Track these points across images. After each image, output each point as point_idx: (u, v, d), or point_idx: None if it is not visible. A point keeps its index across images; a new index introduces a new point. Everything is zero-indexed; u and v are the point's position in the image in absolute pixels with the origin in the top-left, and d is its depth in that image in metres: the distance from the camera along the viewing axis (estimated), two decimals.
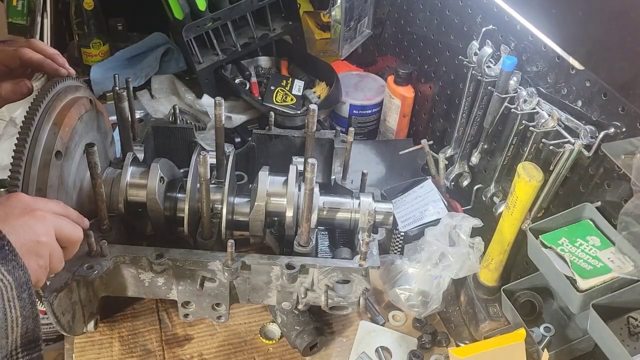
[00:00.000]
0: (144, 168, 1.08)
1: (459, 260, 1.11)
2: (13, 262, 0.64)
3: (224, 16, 1.56)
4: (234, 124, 1.56)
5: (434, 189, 1.32)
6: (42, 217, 0.74)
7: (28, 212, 0.73)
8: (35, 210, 0.73)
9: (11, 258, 0.64)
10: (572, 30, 0.95)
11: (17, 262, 0.65)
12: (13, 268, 0.64)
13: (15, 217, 0.71)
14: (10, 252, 0.65)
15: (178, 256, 0.99)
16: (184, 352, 1.12)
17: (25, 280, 0.66)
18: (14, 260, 0.65)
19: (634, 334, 0.90)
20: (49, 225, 0.74)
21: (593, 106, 0.96)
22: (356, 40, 1.72)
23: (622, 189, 0.92)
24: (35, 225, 0.72)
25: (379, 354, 1.14)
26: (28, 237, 0.70)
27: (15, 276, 0.64)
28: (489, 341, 1.01)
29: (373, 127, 1.66)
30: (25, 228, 0.71)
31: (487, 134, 1.22)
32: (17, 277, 0.64)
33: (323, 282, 1.03)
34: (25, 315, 0.66)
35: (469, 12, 1.27)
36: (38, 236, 0.72)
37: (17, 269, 0.65)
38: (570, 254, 0.95)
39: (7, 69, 0.95)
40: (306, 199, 0.98)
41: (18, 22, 1.77)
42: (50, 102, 0.93)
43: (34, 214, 0.73)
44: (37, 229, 0.72)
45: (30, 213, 0.73)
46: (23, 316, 0.65)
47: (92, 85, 1.66)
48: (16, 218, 0.71)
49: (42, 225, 0.73)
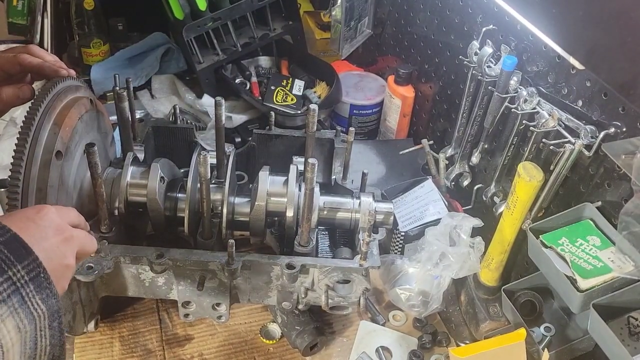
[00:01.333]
0: (144, 168, 1.08)
1: (459, 260, 1.11)
2: (47, 291, 0.63)
3: (224, 16, 1.56)
4: (235, 124, 1.56)
5: (434, 188, 1.32)
6: (71, 239, 0.72)
7: (60, 234, 0.70)
8: (65, 231, 0.71)
9: (45, 286, 0.63)
10: (573, 30, 0.95)
11: (51, 290, 0.63)
12: (47, 297, 0.63)
13: (49, 241, 0.68)
14: (45, 280, 0.63)
15: (178, 256, 0.99)
16: (184, 352, 1.12)
17: (57, 309, 0.64)
18: (48, 288, 0.63)
19: (634, 334, 0.90)
20: (75, 246, 0.73)
21: (593, 106, 0.96)
22: (356, 40, 1.72)
23: (622, 189, 0.92)
24: (65, 249, 0.70)
25: (379, 354, 1.14)
26: (59, 261, 0.68)
27: (48, 305, 0.63)
28: (489, 341, 1.01)
29: (373, 127, 1.66)
30: (57, 253, 0.69)
31: (487, 134, 1.22)
32: (50, 306, 0.63)
33: (323, 282, 1.03)
34: (53, 343, 0.64)
35: (469, 12, 1.27)
36: (67, 260, 0.70)
37: (51, 297, 0.63)
38: (570, 253, 0.95)
39: (7, 74, 0.95)
40: (306, 198, 0.98)
41: (18, 22, 1.77)
42: (50, 102, 0.93)
43: (64, 237, 0.71)
44: (67, 253, 0.71)
45: (62, 235, 0.70)
46: (52, 344, 0.64)
47: (92, 85, 1.66)
48: (49, 242, 0.68)
49: (71, 248, 0.72)
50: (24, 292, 0.60)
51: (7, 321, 0.58)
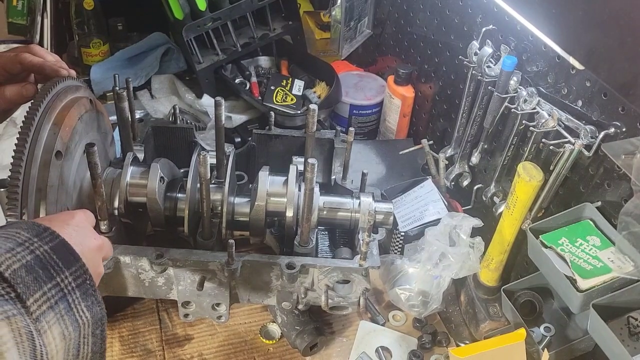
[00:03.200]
0: (144, 168, 1.08)
1: (459, 260, 1.11)
2: (92, 298, 0.63)
3: (224, 16, 1.56)
4: (234, 124, 1.56)
5: (434, 188, 1.32)
6: (102, 247, 0.73)
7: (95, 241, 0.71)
8: (97, 238, 0.72)
9: (91, 293, 0.63)
10: (572, 30, 0.95)
11: (96, 297, 0.63)
12: (92, 304, 0.62)
13: (88, 248, 0.69)
14: (91, 287, 0.63)
15: (178, 256, 0.99)
16: (184, 352, 1.12)
17: (101, 317, 0.64)
18: (93, 295, 0.63)
19: (634, 334, 0.90)
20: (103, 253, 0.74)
21: (593, 106, 0.96)
22: (356, 40, 1.72)
23: (622, 189, 0.92)
24: (99, 257, 0.71)
25: (379, 354, 1.14)
26: (96, 270, 0.68)
27: (92, 312, 0.62)
28: (489, 341, 1.01)
29: (373, 127, 1.66)
30: (94, 260, 0.69)
31: (487, 134, 1.22)
32: (94, 314, 0.63)
33: (323, 282, 1.03)
34: (95, 350, 0.64)
35: (469, 12, 1.27)
36: (100, 267, 0.71)
37: (95, 304, 0.63)
38: (570, 254, 0.95)
39: (8, 74, 0.95)
40: (306, 198, 0.98)
41: (18, 22, 1.77)
42: (50, 102, 0.93)
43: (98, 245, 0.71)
44: (99, 260, 0.71)
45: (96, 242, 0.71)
46: (93, 352, 0.64)
47: (92, 85, 1.66)
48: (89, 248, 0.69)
49: (101, 255, 0.72)
50: (70, 298, 0.60)
51: (54, 328, 0.58)
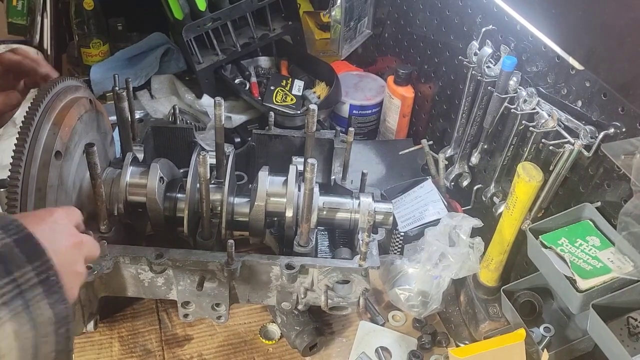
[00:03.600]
0: (144, 168, 1.08)
1: (458, 261, 1.11)
2: (56, 295, 0.61)
3: (224, 16, 1.56)
4: (234, 124, 1.56)
5: (434, 189, 1.32)
6: (81, 244, 0.71)
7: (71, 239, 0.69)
8: (76, 236, 0.70)
9: (55, 290, 0.61)
10: (572, 31, 0.95)
11: (61, 295, 0.62)
12: (56, 301, 0.61)
13: (62, 245, 0.67)
14: (56, 284, 0.61)
15: (177, 256, 0.99)
16: (183, 352, 1.12)
17: (65, 315, 0.62)
18: (58, 293, 0.61)
19: (633, 334, 0.90)
20: (84, 252, 0.72)
21: (593, 106, 0.96)
22: (356, 40, 1.72)
23: (621, 189, 0.92)
24: (76, 255, 0.69)
25: (378, 354, 1.14)
26: (70, 267, 0.67)
27: (56, 310, 0.61)
28: (488, 341, 1.01)
29: (373, 127, 1.66)
30: (69, 258, 0.67)
31: (487, 134, 1.22)
32: (58, 312, 0.61)
33: (323, 282, 1.03)
34: (59, 350, 0.62)
35: (469, 12, 1.27)
36: (77, 266, 0.69)
37: (60, 302, 0.61)
38: (570, 254, 0.95)
39: None
40: (306, 199, 0.98)
41: (18, 22, 1.77)
42: (50, 102, 0.93)
43: (75, 242, 0.70)
44: (77, 259, 0.69)
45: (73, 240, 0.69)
46: (57, 351, 0.62)
47: (92, 85, 1.66)
48: (62, 245, 0.67)
49: (81, 254, 0.71)
50: (30, 295, 0.59)
51: (7, 325, 0.57)
